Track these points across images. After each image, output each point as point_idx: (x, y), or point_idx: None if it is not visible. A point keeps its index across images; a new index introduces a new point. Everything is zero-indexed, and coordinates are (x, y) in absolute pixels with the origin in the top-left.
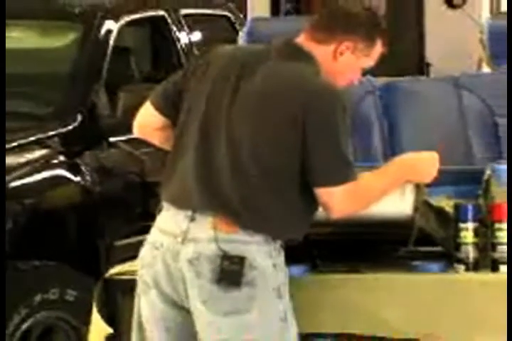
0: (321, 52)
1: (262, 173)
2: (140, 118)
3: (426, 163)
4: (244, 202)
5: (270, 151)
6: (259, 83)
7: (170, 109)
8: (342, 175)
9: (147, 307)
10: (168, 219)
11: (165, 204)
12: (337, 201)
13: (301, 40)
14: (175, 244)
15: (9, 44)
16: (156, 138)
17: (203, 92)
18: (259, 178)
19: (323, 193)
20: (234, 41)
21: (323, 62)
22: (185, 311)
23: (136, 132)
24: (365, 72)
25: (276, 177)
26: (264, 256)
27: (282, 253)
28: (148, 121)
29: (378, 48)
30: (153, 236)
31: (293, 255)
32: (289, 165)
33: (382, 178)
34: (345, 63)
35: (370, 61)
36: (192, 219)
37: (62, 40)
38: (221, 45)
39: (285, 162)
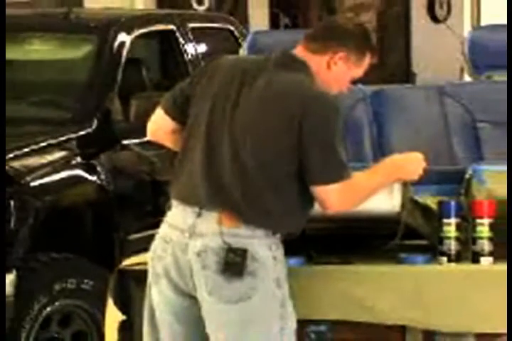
0: (316, 61)
1: (262, 172)
2: (152, 123)
3: (412, 163)
4: (246, 200)
5: (269, 152)
6: (259, 89)
7: (178, 113)
8: (337, 173)
9: (157, 295)
10: (177, 215)
11: (174, 202)
12: (333, 198)
13: (297, 50)
14: (183, 238)
15: (31, 55)
16: (168, 141)
17: (208, 98)
18: (260, 177)
19: (319, 191)
20: (236, 52)
21: (317, 71)
22: (191, 298)
23: (150, 136)
24: (356, 81)
25: (276, 176)
26: (264, 249)
27: (281, 247)
28: (159, 126)
29: (367, 60)
30: (163, 231)
31: (291, 248)
32: (287, 164)
33: (374, 177)
34: (338, 72)
35: (360, 71)
36: (198, 215)
37: (79, 51)
38: (224, 56)
39: (283, 162)
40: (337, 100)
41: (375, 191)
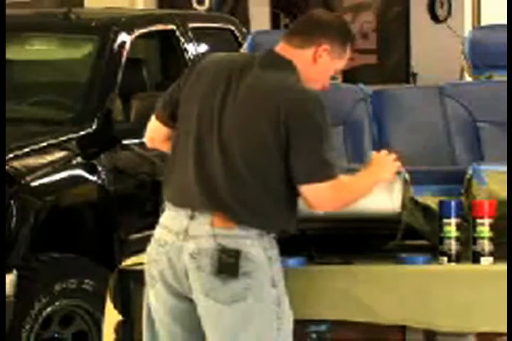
0: (301, 56)
1: (251, 174)
2: (148, 131)
3: (386, 169)
4: (238, 201)
5: (257, 153)
6: (246, 89)
7: (169, 118)
8: (322, 173)
9: (154, 298)
10: (171, 218)
11: (167, 204)
12: (317, 197)
13: (280, 47)
14: (177, 240)
15: (32, 56)
16: (165, 148)
17: (196, 99)
18: (249, 178)
19: (304, 190)
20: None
21: (303, 67)
22: (188, 300)
23: (147, 144)
24: (357, 81)
25: (265, 177)
26: (258, 249)
27: (275, 246)
28: (154, 134)
29: (349, 52)
30: (158, 233)
31: (291, 248)
32: (275, 165)
33: (360, 180)
34: (324, 65)
35: (342, 63)
36: (192, 217)
37: (79, 51)
38: (210, 54)
39: (271, 162)
40: (322, 96)
41: (361, 195)
